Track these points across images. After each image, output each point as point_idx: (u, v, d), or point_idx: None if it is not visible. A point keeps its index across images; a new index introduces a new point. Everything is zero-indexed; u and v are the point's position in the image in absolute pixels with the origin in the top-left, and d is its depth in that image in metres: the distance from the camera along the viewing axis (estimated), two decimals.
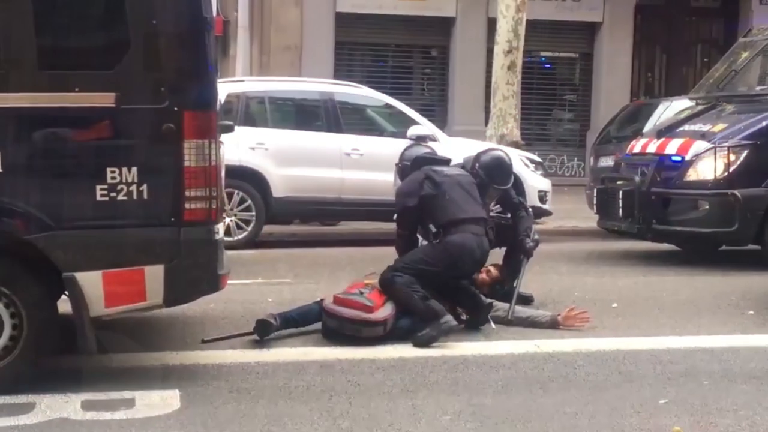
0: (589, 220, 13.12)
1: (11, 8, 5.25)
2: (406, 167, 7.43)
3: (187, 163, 5.41)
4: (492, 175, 7.54)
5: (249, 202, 11.74)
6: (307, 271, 9.92)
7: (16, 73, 5.26)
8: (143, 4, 5.34)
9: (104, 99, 5.31)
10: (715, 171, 9.90)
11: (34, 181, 5.32)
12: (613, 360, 6.34)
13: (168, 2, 5.40)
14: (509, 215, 7.89)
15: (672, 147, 10.34)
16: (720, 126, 10.22)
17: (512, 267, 7.70)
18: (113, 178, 5.33)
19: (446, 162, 7.44)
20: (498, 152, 7.98)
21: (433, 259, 6.91)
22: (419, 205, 7.03)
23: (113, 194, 5.33)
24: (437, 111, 20.35)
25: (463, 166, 7.59)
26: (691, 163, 10.05)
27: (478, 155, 7.75)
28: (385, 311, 6.66)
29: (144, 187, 5.37)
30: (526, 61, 15.67)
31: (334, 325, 6.67)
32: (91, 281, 5.33)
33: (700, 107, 11.35)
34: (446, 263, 6.91)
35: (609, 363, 6.28)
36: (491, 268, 7.64)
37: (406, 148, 7.80)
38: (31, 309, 5.39)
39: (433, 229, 6.97)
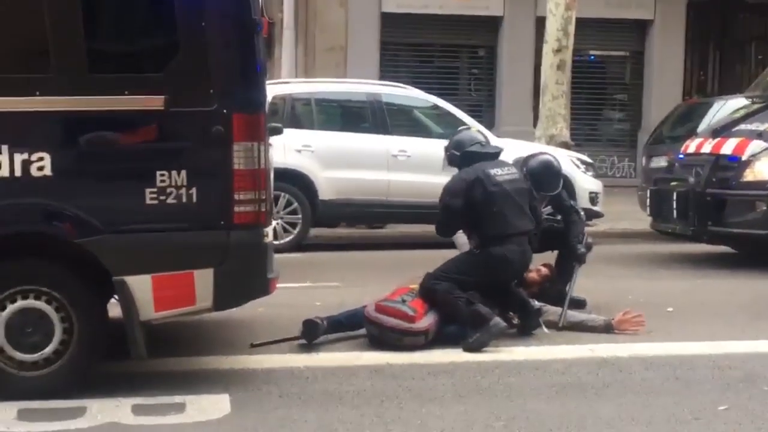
0: (641, 222, 13.04)
1: (60, 11, 5.31)
2: (454, 156, 7.22)
3: (236, 166, 5.44)
4: (540, 182, 7.50)
5: (295, 204, 11.80)
6: (354, 274, 9.95)
7: (66, 77, 5.32)
8: (192, 7, 5.38)
9: (153, 102, 5.35)
10: None
11: (84, 184, 5.37)
12: (669, 365, 6.28)
13: (217, 5, 5.43)
14: (560, 218, 7.86)
15: (728, 147, 10.23)
16: None
17: (564, 272, 7.65)
18: (162, 181, 5.37)
19: (497, 155, 7.25)
20: (546, 156, 7.93)
21: (470, 268, 6.87)
22: (463, 208, 6.90)
23: (163, 197, 5.37)
24: (484, 112, 20.30)
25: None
26: (747, 163, 9.94)
27: (526, 159, 7.71)
28: (427, 320, 6.65)
29: (193, 191, 5.41)
30: (575, 60, 15.60)
31: (375, 333, 6.68)
32: (141, 285, 5.38)
33: (756, 106, 11.23)
34: (483, 274, 6.87)
35: (665, 368, 6.22)
36: (542, 267, 7.61)
37: (456, 132, 7.61)
38: (81, 313, 5.45)
39: (477, 239, 6.90)
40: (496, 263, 6.86)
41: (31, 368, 5.44)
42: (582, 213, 8.03)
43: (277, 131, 7.64)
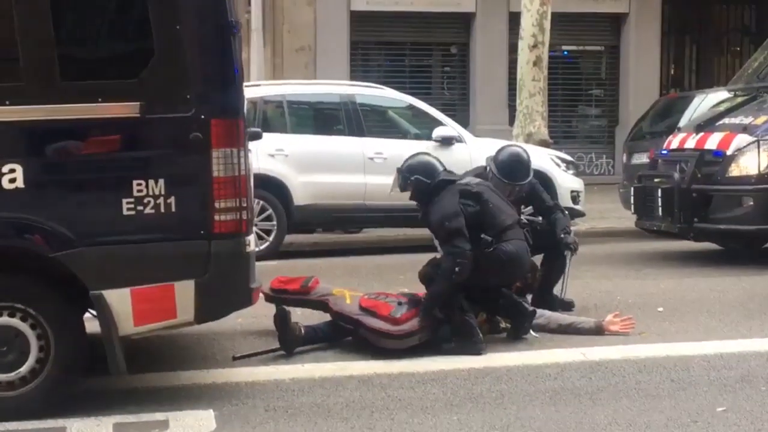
0: (624, 220, 13.11)
1: (30, 16, 5.25)
2: (420, 182, 7.05)
3: (215, 173, 5.40)
4: (511, 172, 7.59)
5: (270, 211, 11.74)
6: (333, 281, 9.84)
7: (36, 85, 5.26)
8: (167, 10, 5.34)
9: (128, 109, 5.31)
10: (759, 165, 9.85)
11: (58, 196, 5.33)
12: (663, 367, 6.30)
13: (192, 7, 5.39)
14: (541, 218, 7.90)
15: (712, 141, 10.29)
16: (763, 118, 10.15)
17: (552, 270, 7.68)
18: (139, 190, 5.33)
19: (461, 176, 7.26)
20: (514, 148, 8.11)
21: (486, 266, 6.78)
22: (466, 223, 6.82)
23: (140, 207, 5.33)
24: (459, 110, 20.36)
25: (478, 175, 7.55)
26: (733, 157, 10.00)
27: (496, 155, 7.78)
28: (410, 325, 6.63)
29: (171, 200, 5.37)
30: (549, 55, 15.66)
31: (349, 327, 6.73)
32: (120, 299, 5.33)
33: (739, 99, 11.29)
34: (496, 272, 6.88)
35: (660, 370, 6.24)
36: None
37: (410, 158, 7.42)
38: (58, 329, 5.39)
39: (488, 238, 6.87)
40: (510, 259, 6.87)
41: (6, 388, 5.38)
42: (566, 211, 8.08)
43: (257, 136, 7.58)
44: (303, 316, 7.46)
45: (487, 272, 6.81)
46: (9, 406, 5.35)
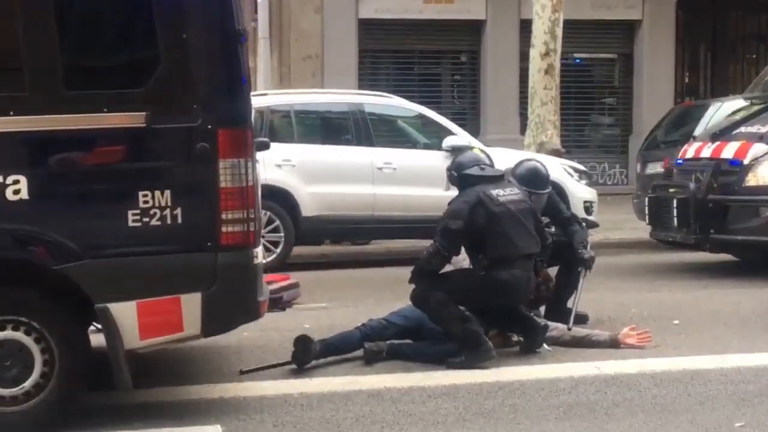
0: (638, 230, 13.09)
1: (34, 25, 5.27)
2: (453, 177, 7.14)
3: (222, 184, 5.41)
4: (529, 183, 7.50)
5: (277, 222, 11.74)
6: (342, 294, 9.93)
7: (41, 95, 5.28)
8: (173, 18, 5.35)
9: (134, 119, 5.32)
10: None
11: (63, 207, 5.34)
12: (680, 381, 6.28)
13: (199, 15, 5.40)
14: (556, 231, 7.89)
15: (728, 151, 10.28)
16: None
17: (567, 284, 7.66)
18: (146, 202, 5.33)
19: (498, 177, 7.19)
20: (532, 162, 7.97)
21: (472, 288, 6.79)
22: (465, 231, 6.77)
23: (146, 219, 5.33)
24: (468, 120, 20.36)
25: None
26: (750, 167, 9.99)
27: (513, 170, 7.73)
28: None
29: (178, 211, 5.37)
30: (561, 63, 15.67)
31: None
32: (125, 312, 5.33)
33: (756, 107, 11.28)
34: (487, 297, 6.83)
35: (676, 384, 6.23)
36: None
37: (458, 154, 7.57)
38: (62, 343, 5.39)
39: (484, 262, 6.82)
40: (500, 288, 6.79)
41: (10, 403, 5.37)
42: (583, 223, 8.08)
43: (265, 146, 7.58)
44: (312, 330, 7.49)
45: (476, 293, 6.78)
46: (12, 421, 5.34)
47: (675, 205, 10.54)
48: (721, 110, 13.37)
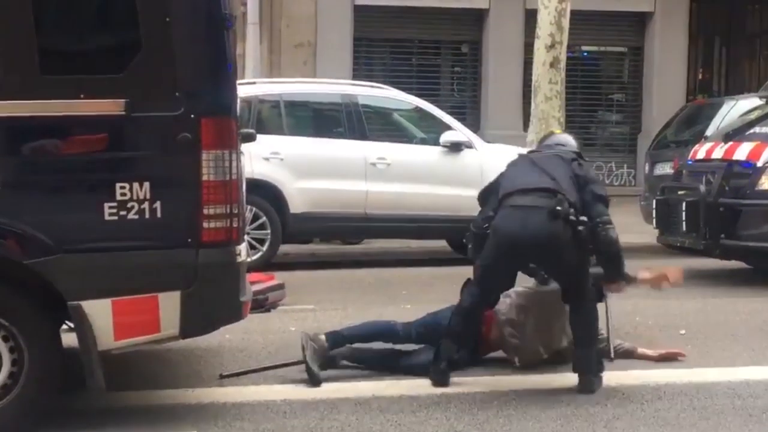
0: (645, 234, 13.09)
1: (8, 5, 5.27)
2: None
3: (205, 177, 5.41)
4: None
5: (263, 219, 11.77)
6: (330, 295, 9.94)
7: (14, 79, 5.27)
8: (156, 1, 5.35)
9: (112, 106, 5.32)
10: None
11: (35, 199, 5.33)
12: (685, 394, 6.30)
13: None
14: None
15: (741, 152, 10.31)
16: None
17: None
18: (123, 194, 5.33)
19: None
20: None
21: (484, 253, 6.46)
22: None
23: (123, 213, 5.33)
24: (469, 114, 20.41)
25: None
26: (763, 169, 10.03)
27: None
28: None
29: (157, 205, 5.37)
30: (568, 56, 15.66)
31: None
32: (100, 311, 5.33)
33: None
34: (492, 253, 6.38)
35: (681, 398, 6.24)
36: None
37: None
38: (32, 342, 5.39)
39: (490, 213, 6.50)
40: (494, 235, 6.35)
41: None
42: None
43: (250, 138, 7.59)
44: (298, 333, 7.48)
45: (485, 256, 6.42)
46: None
47: (684, 208, 10.57)
48: (734, 109, 13.41)
